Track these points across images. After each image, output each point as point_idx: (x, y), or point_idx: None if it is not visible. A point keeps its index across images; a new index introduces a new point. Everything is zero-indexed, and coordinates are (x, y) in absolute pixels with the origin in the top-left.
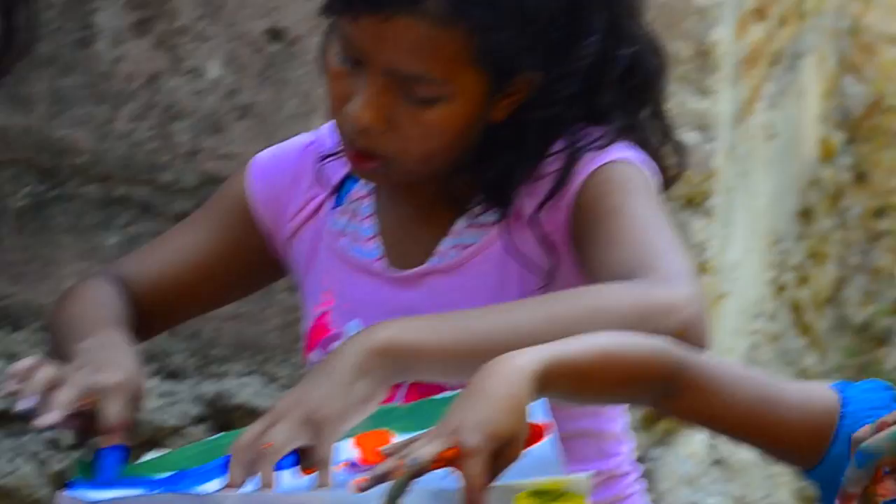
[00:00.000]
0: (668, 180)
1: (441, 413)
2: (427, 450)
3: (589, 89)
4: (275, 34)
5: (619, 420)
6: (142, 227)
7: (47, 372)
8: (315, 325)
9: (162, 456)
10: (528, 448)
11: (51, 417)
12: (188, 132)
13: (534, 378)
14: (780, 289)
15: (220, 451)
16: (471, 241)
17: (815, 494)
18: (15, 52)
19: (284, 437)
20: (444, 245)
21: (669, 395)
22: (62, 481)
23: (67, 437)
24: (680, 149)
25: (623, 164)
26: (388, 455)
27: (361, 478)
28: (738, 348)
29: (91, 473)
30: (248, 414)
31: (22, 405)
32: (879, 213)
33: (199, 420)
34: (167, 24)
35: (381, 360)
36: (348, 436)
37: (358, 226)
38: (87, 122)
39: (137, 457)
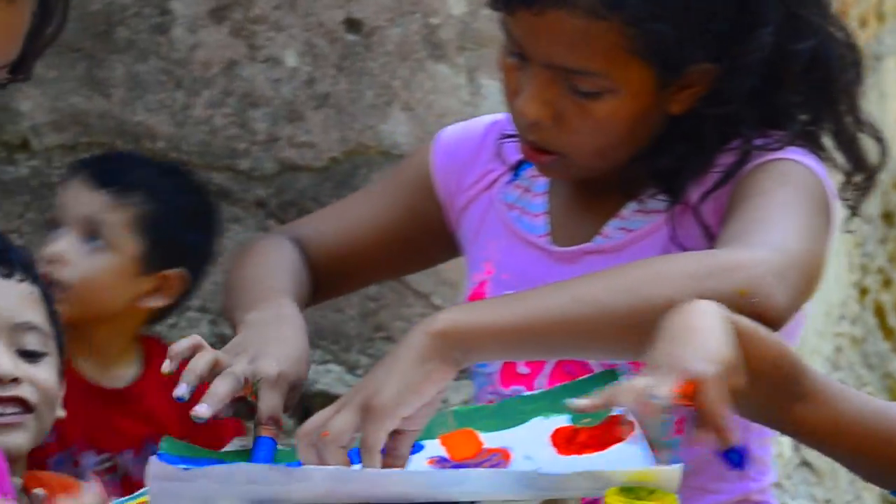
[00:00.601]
0: (863, 179)
1: (526, 412)
2: (664, 388)
3: (768, 85)
4: (352, 24)
5: (766, 446)
6: (219, 212)
7: (206, 357)
8: (473, 294)
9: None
10: (617, 441)
11: (205, 411)
12: (265, 120)
13: (725, 319)
14: (864, 291)
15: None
16: (637, 225)
17: None
18: (50, 28)
19: (341, 424)
20: (611, 227)
21: (796, 399)
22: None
23: None
24: (880, 144)
25: (788, 162)
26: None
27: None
28: (822, 350)
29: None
30: (328, 401)
31: (179, 392)
32: None
33: None
34: (244, 12)
35: (441, 343)
36: (432, 437)
37: (529, 201)
38: (164, 107)
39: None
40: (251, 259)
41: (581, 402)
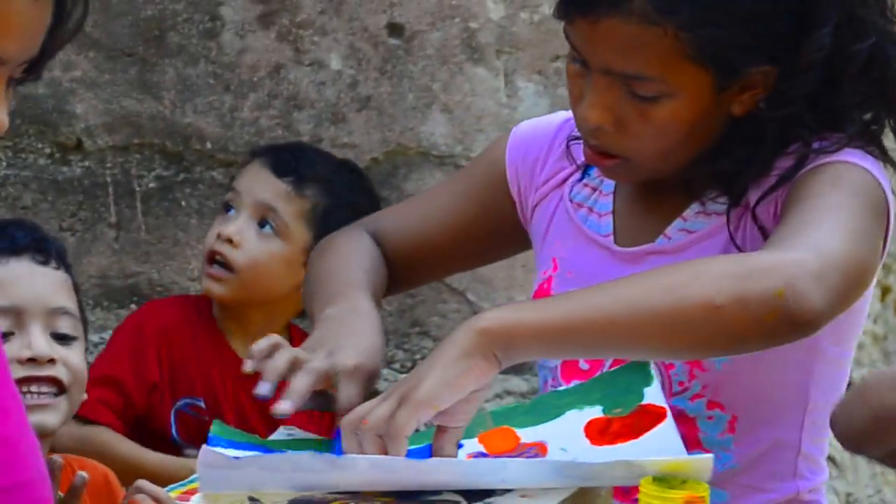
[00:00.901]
0: None
1: (560, 406)
2: None
3: (827, 86)
4: (394, 29)
5: (821, 445)
6: None
7: (285, 356)
8: (539, 290)
9: (288, 438)
10: (649, 429)
11: (287, 407)
12: (310, 121)
13: None
14: (886, 290)
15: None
16: (699, 226)
17: None
18: (67, 28)
19: (380, 413)
20: (673, 228)
21: None
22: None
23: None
24: None
25: (843, 164)
26: None
27: None
28: None
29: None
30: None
31: (260, 390)
32: None
33: None
34: (290, 17)
35: (484, 340)
36: (471, 436)
37: (597, 200)
38: (212, 109)
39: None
40: (330, 254)
41: None
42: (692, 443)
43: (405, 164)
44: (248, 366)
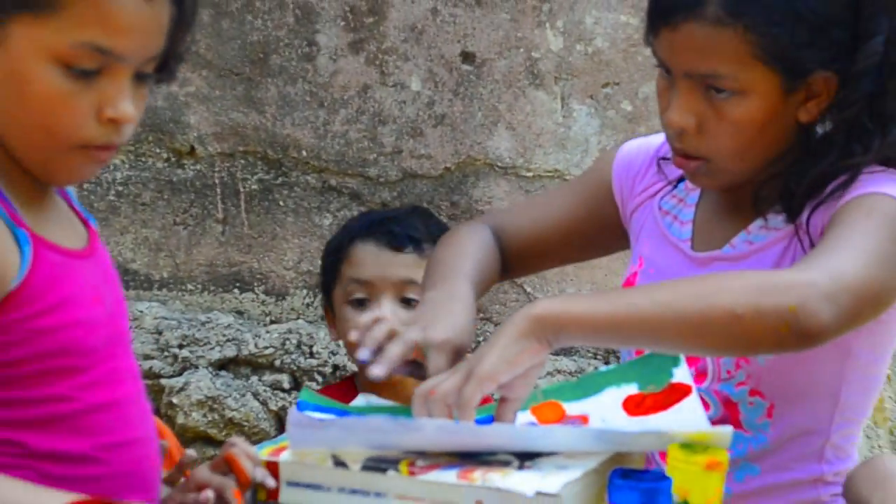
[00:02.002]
0: None
1: (601, 383)
2: None
3: (877, 92)
4: (466, 56)
5: (851, 436)
6: (351, 211)
7: (384, 327)
8: (626, 281)
9: (367, 404)
10: (677, 403)
11: (377, 371)
12: (392, 135)
13: None
14: None
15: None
16: (759, 239)
17: None
18: (184, 30)
19: (447, 385)
20: (739, 238)
21: None
22: (280, 416)
23: (285, 381)
24: None
25: (882, 196)
26: None
27: None
28: None
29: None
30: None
31: (360, 355)
32: None
33: None
34: (377, 44)
35: (537, 326)
36: (524, 409)
37: (681, 210)
38: (308, 123)
39: None
40: (448, 245)
41: None
42: (734, 423)
43: (473, 173)
44: (353, 336)
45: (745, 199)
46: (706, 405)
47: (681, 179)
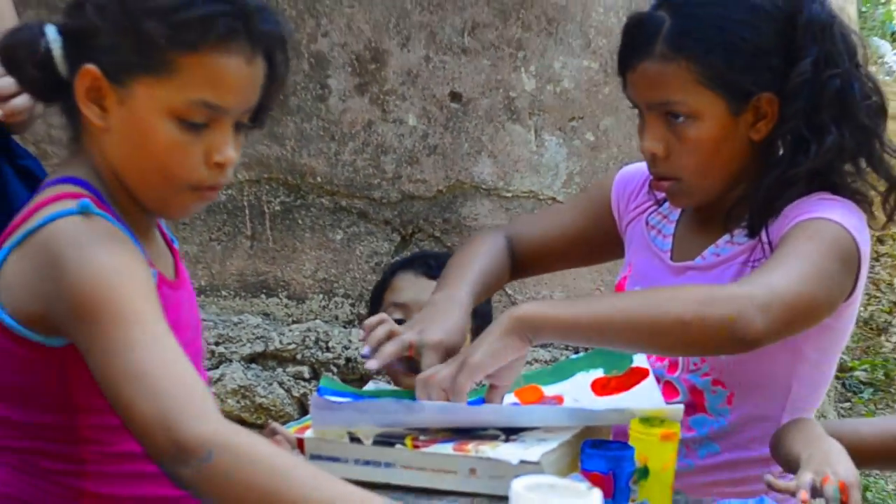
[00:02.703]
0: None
1: (573, 369)
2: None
3: (811, 107)
4: (454, 96)
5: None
6: (359, 228)
7: (385, 328)
8: (618, 284)
9: (377, 389)
10: (637, 384)
11: (372, 364)
12: (392, 163)
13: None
14: None
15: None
16: (726, 252)
17: None
18: (277, 88)
19: (444, 373)
20: (709, 251)
21: None
22: (301, 401)
23: (306, 372)
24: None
25: (824, 221)
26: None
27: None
28: None
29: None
30: None
31: (363, 352)
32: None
33: None
34: (379, 87)
35: (519, 325)
36: (508, 392)
37: (665, 226)
38: (322, 154)
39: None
40: (461, 252)
41: (778, 483)
42: (699, 408)
43: (461, 194)
44: (361, 335)
45: (716, 217)
46: (676, 392)
47: (666, 199)
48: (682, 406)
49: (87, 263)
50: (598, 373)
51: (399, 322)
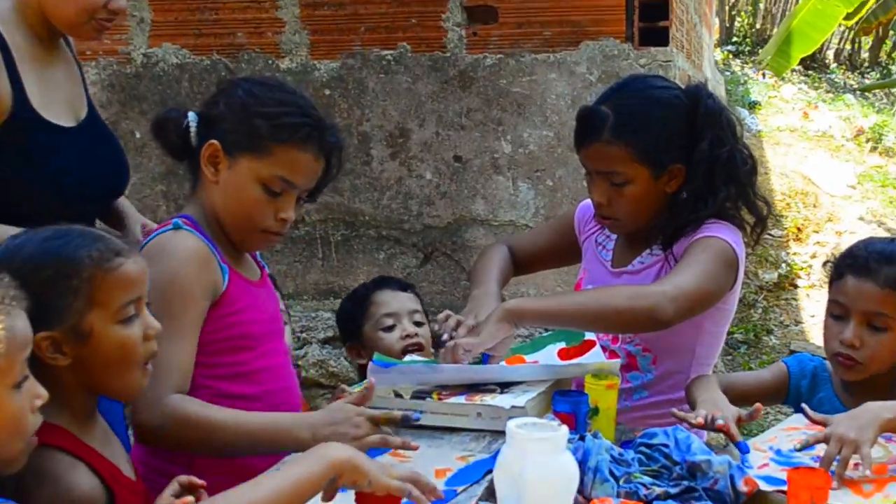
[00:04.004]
0: (760, 226)
1: (544, 343)
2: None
3: (709, 173)
4: (457, 158)
5: (701, 374)
6: (395, 250)
7: (453, 319)
8: (577, 283)
9: (411, 360)
10: (588, 351)
11: (446, 336)
12: (416, 205)
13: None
14: None
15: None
16: (648, 261)
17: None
18: (328, 180)
19: (458, 347)
20: (637, 261)
21: None
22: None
23: None
24: (767, 206)
25: (714, 238)
26: None
27: None
28: None
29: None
30: None
31: (444, 337)
32: None
33: None
34: (405, 154)
35: (507, 315)
36: (503, 359)
37: (607, 243)
38: (368, 200)
39: None
40: (482, 258)
41: (679, 413)
42: (634, 367)
43: (464, 225)
44: (436, 327)
45: (640, 239)
46: (617, 356)
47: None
48: (619, 361)
49: (155, 269)
50: (562, 344)
51: (391, 327)
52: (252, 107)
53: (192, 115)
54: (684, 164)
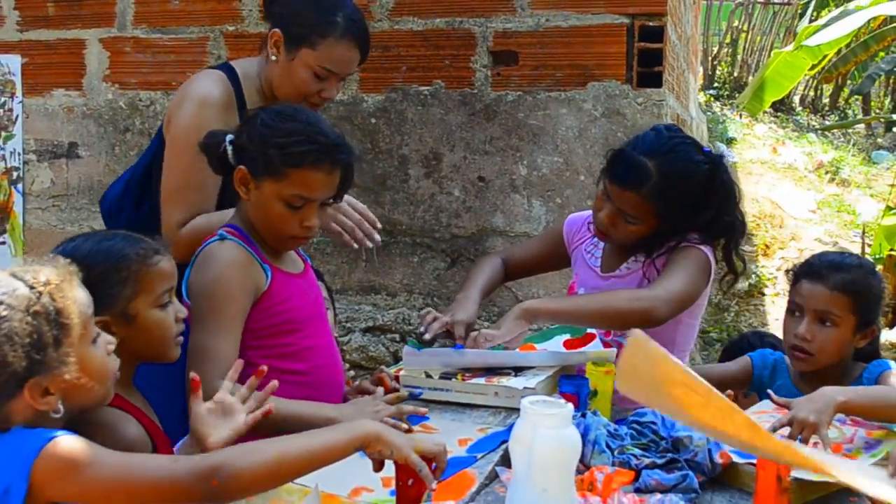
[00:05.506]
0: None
1: (552, 334)
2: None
3: (705, 229)
4: (481, 178)
5: (684, 359)
6: (427, 254)
7: (433, 314)
8: (570, 287)
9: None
10: (589, 343)
11: (427, 336)
12: (446, 218)
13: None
14: None
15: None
16: (633, 266)
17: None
18: (347, 186)
19: (480, 338)
20: (622, 267)
21: None
22: (396, 355)
23: (397, 338)
24: (737, 268)
25: (694, 248)
26: None
27: None
28: None
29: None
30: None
31: (421, 329)
32: None
33: None
34: (438, 174)
35: (524, 313)
36: (517, 348)
37: (596, 251)
38: (406, 213)
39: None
40: (475, 268)
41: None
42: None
43: (486, 235)
44: (420, 321)
45: (626, 248)
46: (609, 346)
47: (596, 236)
48: (615, 350)
49: (203, 275)
50: (567, 336)
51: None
52: (268, 138)
53: (228, 139)
54: (690, 224)
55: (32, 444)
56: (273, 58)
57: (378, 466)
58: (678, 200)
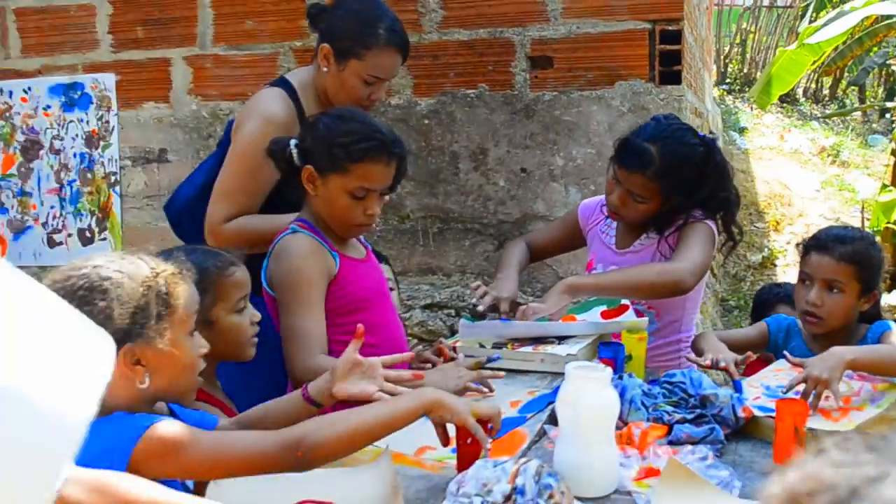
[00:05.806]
0: (729, 246)
1: (590, 305)
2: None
3: (702, 198)
4: (523, 170)
5: (691, 324)
6: (476, 238)
7: (483, 289)
8: (588, 266)
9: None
10: (624, 313)
11: (480, 308)
12: (493, 206)
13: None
14: None
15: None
16: (646, 243)
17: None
18: (401, 176)
19: (529, 311)
20: (637, 243)
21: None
22: (453, 328)
23: (453, 312)
24: (734, 235)
25: (702, 222)
26: None
27: None
28: None
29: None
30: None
31: (474, 300)
32: None
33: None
34: (485, 167)
35: (567, 288)
36: (559, 319)
37: (609, 231)
38: (458, 202)
39: None
40: (506, 252)
41: (692, 357)
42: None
43: (529, 220)
44: (471, 294)
45: (638, 226)
46: (643, 315)
47: (609, 216)
48: (647, 319)
49: (282, 265)
50: (603, 307)
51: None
52: (331, 139)
53: (293, 143)
54: (691, 200)
55: (133, 432)
56: (324, 69)
57: (441, 430)
58: (679, 178)
